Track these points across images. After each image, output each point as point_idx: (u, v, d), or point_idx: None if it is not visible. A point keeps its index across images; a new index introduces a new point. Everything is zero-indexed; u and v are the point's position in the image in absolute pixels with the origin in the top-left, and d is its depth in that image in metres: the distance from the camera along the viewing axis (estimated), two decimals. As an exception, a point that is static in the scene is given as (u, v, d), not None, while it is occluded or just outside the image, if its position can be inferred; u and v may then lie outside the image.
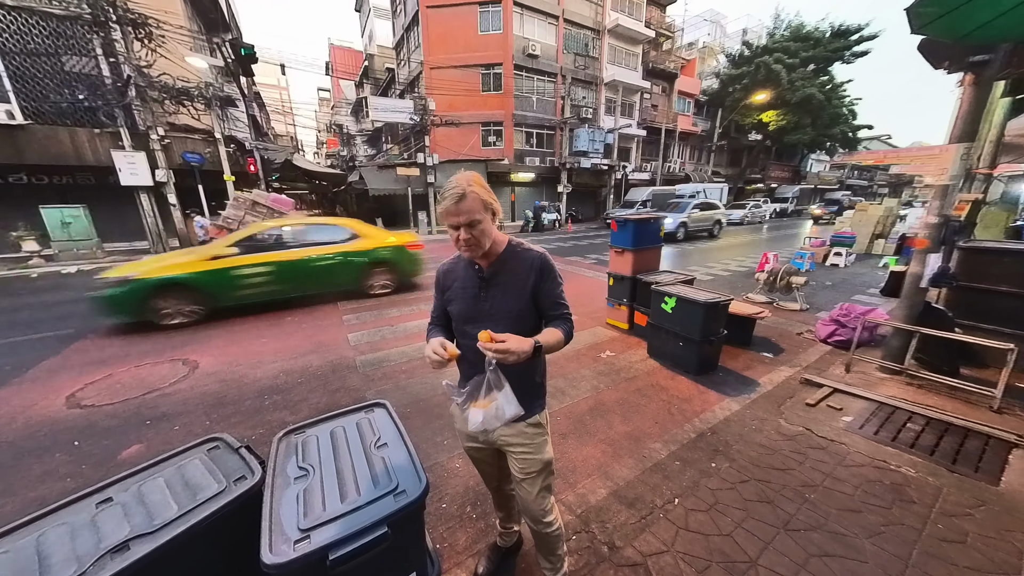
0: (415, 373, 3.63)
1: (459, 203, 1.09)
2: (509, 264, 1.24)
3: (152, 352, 4.25)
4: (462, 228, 1.11)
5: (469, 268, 1.27)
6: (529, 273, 1.24)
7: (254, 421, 2.88)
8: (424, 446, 2.54)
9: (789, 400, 3.06)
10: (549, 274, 1.25)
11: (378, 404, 1.56)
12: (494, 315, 1.22)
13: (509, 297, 1.23)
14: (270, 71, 23.25)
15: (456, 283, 1.29)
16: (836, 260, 8.80)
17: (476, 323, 1.23)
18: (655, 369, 3.67)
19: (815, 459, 2.37)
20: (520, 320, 1.24)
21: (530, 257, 1.25)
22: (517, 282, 1.23)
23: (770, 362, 3.79)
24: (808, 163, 34.45)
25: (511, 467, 1.35)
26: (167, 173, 11.10)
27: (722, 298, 3.47)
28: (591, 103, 21.17)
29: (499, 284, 1.23)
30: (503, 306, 1.23)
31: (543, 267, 1.25)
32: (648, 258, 4.68)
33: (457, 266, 1.32)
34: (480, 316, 1.23)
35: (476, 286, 1.25)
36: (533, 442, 1.32)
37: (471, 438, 1.38)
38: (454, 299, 1.29)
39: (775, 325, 4.83)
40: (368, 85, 25.82)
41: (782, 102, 22.54)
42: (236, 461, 1.30)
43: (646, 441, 2.58)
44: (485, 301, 1.24)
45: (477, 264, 1.25)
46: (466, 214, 1.10)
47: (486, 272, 1.24)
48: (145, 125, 10.62)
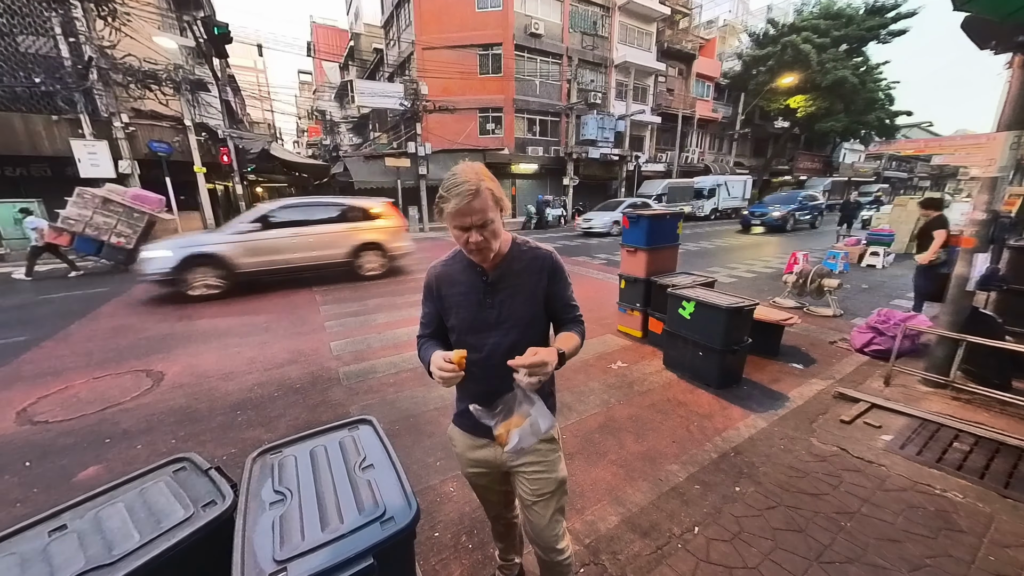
0: (404, 386, 3.62)
1: (473, 201, 1.04)
2: (516, 265, 1.21)
3: (113, 361, 4.25)
4: (474, 230, 1.07)
5: (470, 271, 1.22)
6: (540, 275, 1.22)
7: (225, 439, 2.88)
8: (414, 467, 2.53)
9: (822, 417, 3.04)
10: (560, 275, 1.25)
11: (363, 421, 1.56)
12: (502, 324, 1.20)
13: (519, 303, 1.20)
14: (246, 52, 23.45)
15: (455, 289, 1.24)
16: (873, 260, 8.80)
17: (481, 334, 1.21)
18: (672, 382, 3.66)
19: (851, 483, 2.36)
20: (531, 327, 1.23)
21: (539, 257, 1.23)
22: (526, 285, 1.21)
23: (800, 374, 3.78)
24: (841, 153, 34.54)
25: (520, 490, 1.33)
26: (131, 164, 11.16)
27: (746, 303, 3.46)
28: (600, 87, 21.28)
29: (506, 288, 1.20)
30: (512, 313, 1.20)
31: (554, 267, 1.23)
32: (664, 258, 4.67)
33: (454, 269, 1.26)
34: (486, 326, 1.21)
35: (480, 292, 1.21)
36: (547, 459, 1.30)
37: (475, 463, 1.37)
38: (454, 308, 1.24)
39: (805, 333, 4.82)
40: (354, 67, 26.01)
41: (811, 86, 22.63)
42: (205, 484, 1.29)
43: (662, 462, 2.57)
44: (491, 309, 1.20)
45: (479, 266, 1.21)
46: (479, 213, 1.05)
47: (491, 275, 1.20)
48: (108, 111, 10.70)
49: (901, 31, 22.06)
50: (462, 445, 1.37)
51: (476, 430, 1.31)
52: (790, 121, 26.20)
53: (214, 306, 6.26)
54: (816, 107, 23.52)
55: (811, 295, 5.67)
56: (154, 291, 7.13)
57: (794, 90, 23.10)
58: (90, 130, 10.56)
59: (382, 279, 7.80)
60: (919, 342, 4.16)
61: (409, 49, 18.80)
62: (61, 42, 9.93)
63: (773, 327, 4.09)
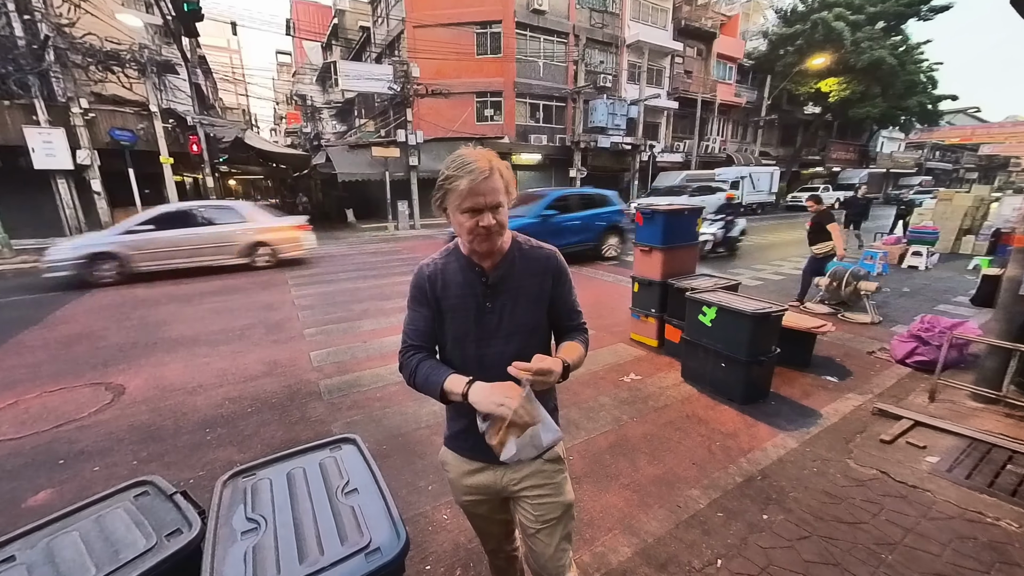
0: (392, 401, 3.62)
1: (488, 179, 1.06)
2: (518, 266, 1.21)
3: (68, 373, 4.25)
4: (487, 212, 1.08)
5: (468, 272, 1.21)
6: (544, 276, 1.22)
7: (193, 460, 2.87)
8: (403, 492, 2.52)
9: (859, 436, 3.03)
10: (565, 277, 1.26)
11: (347, 440, 1.55)
12: (504, 331, 1.20)
13: (522, 307, 1.21)
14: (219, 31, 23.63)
15: (452, 292, 1.22)
16: (915, 261, 8.80)
17: (480, 343, 1.20)
18: (691, 396, 3.65)
19: (893, 510, 2.34)
20: (535, 335, 1.24)
21: (542, 256, 1.24)
22: (530, 288, 1.21)
23: (835, 388, 3.77)
24: (878, 142, 34.64)
25: (522, 517, 1.33)
26: (91, 154, 11.21)
27: (774, 308, 3.45)
28: (610, 69, 21.40)
29: (508, 291, 1.20)
30: (515, 319, 1.20)
31: (559, 269, 1.25)
32: (682, 258, 4.67)
33: (448, 269, 1.24)
34: (486, 333, 1.20)
35: (480, 294, 1.20)
36: (552, 481, 1.29)
37: (471, 490, 1.35)
38: (450, 312, 1.23)
39: (840, 342, 4.81)
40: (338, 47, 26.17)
41: (845, 67, 22.73)
42: (170, 511, 1.29)
43: (681, 487, 2.56)
44: (492, 313, 1.20)
45: (478, 266, 1.20)
46: (493, 194, 1.08)
47: (491, 276, 1.20)
48: (65, 96, 10.76)
49: (944, 7, 22.17)
50: (457, 470, 1.36)
51: (474, 452, 1.29)
52: (821, 107, 26.27)
53: (181, 311, 6.27)
54: (850, 91, 23.60)
55: (846, 299, 5.67)
56: (116, 295, 7.14)
57: (826, 72, 23.17)
58: (45, 116, 10.61)
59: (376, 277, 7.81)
60: (967, 352, 4.14)
61: (399, 27, 18.92)
62: (14, 19, 10.00)
63: (804, 335, 4.08)
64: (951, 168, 42.57)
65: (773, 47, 25.13)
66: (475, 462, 1.32)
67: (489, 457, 1.19)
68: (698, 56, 25.41)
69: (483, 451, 1.19)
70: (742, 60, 26.85)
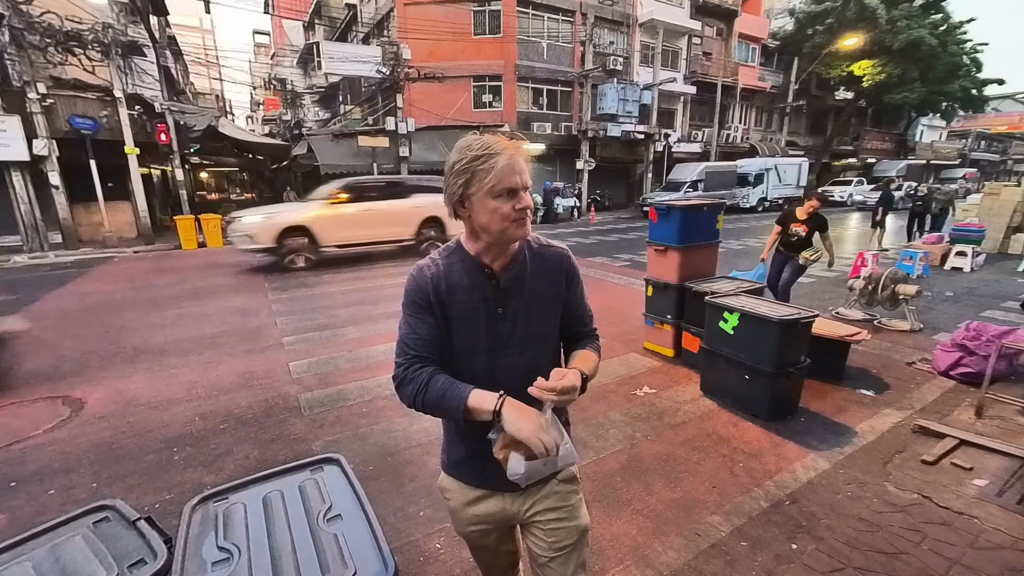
0: (380, 417, 3.62)
1: (522, 155, 1.09)
2: (531, 265, 1.21)
3: (21, 386, 4.25)
4: (522, 192, 1.09)
5: (476, 273, 1.18)
6: (558, 277, 1.23)
7: (159, 483, 2.86)
8: (391, 518, 2.52)
9: (898, 456, 3.02)
10: (577, 278, 1.28)
11: (329, 460, 1.55)
12: (518, 339, 1.20)
13: (537, 312, 1.21)
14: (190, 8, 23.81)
15: (459, 296, 1.18)
16: (959, 262, 8.79)
17: (492, 354, 1.18)
18: (711, 412, 3.64)
19: (937, 538, 2.33)
20: (549, 343, 1.25)
21: (555, 255, 1.25)
22: (545, 290, 1.22)
23: (871, 403, 3.76)
24: (917, 130, 34.70)
25: (533, 545, 1.32)
26: (49, 144, 11.26)
27: (803, 314, 3.45)
28: (621, 50, 21.50)
29: (521, 294, 1.20)
30: (530, 325, 1.20)
31: (572, 269, 1.26)
32: (701, 259, 4.67)
33: (452, 270, 1.19)
34: (498, 343, 1.19)
35: (490, 299, 1.18)
36: (567, 504, 1.29)
37: (477, 519, 1.34)
38: (456, 320, 1.19)
39: (877, 351, 4.81)
40: (321, 27, 26.33)
41: (880, 48, 22.82)
42: (132, 539, 1.28)
43: (700, 512, 2.55)
44: (505, 320, 1.19)
45: (487, 267, 1.18)
46: (527, 173, 1.10)
47: (502, 278, 1.18)
48: (21, 80, 10.82)
49: (989, -18, 22.24)
50: (460, 498, 1.33)
51: (480, 479, 1.27)
52: (854, 92, 26.36)
53: (147, 317, 6.28)
54: (886, 74, 23.67)
55: (883, 305, 5.66)
56: (75, 298, 7.16)
57: (859, 54, 23.27)
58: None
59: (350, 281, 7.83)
60: (1018, 363, 4.13)
61: (388, 4, 19.06)
62: (-34, -3, 10.08)
63: (836, 344, 4.07)
64: (998, 159, 42.63)
65: (801, 26, 25.22)
66: (481, 489, 1.30)
67: (498, 483, 1.18)
68: (718, 36, 25.51)
69: (491, 477, 1.18)
70: (766, 41, 26.95)
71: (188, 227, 12.74)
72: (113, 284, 8.49)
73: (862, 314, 5.88)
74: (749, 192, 21.23)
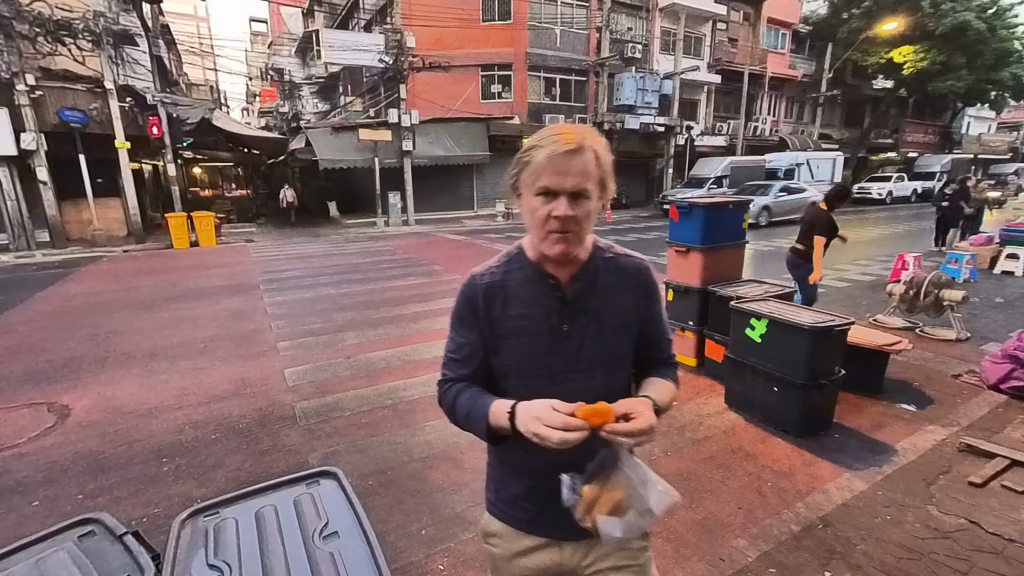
0: (380, 428, 3.63)
1: (573, 157, 0.96)
2: (602, 278, 1.11)
3: (5, 391, 4.33)
4: (564, 198, 0.96)
5: (538, 283, 1.10)
6: (635, 292, 1.14)
7: (147, 495, 2.89)
8: (391, 536, 2.52)
9: (943, 477, 2.97)
10: (657, 295, 1.19)
11: (326, 474, 1.56)
12: (586, 362, 1.10)
13: (609, 332, 1.11)
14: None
15: (515, 309, 1.11)
16: (1010, 266, 8.63)
17: (554, 377, 1.09)
18: (736, 426, 3.61)
19: (986, 568, 2.28)
20: (621, 369, 1.16)
21: (632, 267, 1.16)
22: (619, 307, 1.12)
23: (912, 418, 3.70)
24: (963, 122, 34.15)
25: None
26: (37, 138, 11.51)
27: (838, 321, 3.41)
28: (640, 37, 21.48)
29: (592, 310, 1.10)
30: (600, 347, 1.10)
31: (651, 284, 1.17)
32: (725, 261, 4.65)
33: (511, 280, 1.12)
34: (563, 364, 1.10)
35: (555, 313, 1.09)
36: (636, 562, 1.19)
37: (528, 572, 1.23)
38: (512, 336, 1.11)
39: (919, 362, 4.74)
40: (320, 14, 26.64)
41: (923, 33, 22.54)
42: (119, 554, 1.29)
43: (725, 535, 2.52)
44: (570, 339, 1.09)
45: (552, 277, 1.09)
46: (578, 177, 0.96)
47: (568, 290, 1.09)
48: (10, 71, 11.08)
49: (1043, -39, 21.90)
50: (509, 547, 1.23)
51: (535, 524, 1.18)
52: (894, 80, 26.02)
53: (136, 319, 6.38)
54: (929, 61, 23.35)
55: (926, 311, 5.57)
56: (62, 300, 7.29)
57: (899, 39, 23.00)
58: (-14, 95, 10.95)
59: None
60: (1076, 376, 4.03)
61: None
62: (-46, -15, 10.36)
63: (874, 354, 4.01)
64: (1054, 153, 41.76)
65: (835, 10, 25.01)
66: (536, 537, 1.18)
67: (557, 530, 1.11)
68: (745, 21, 25.38)
69: (549, 523, 1.11)
70: (797, 26, 26.75)
71: (180, 225, 12.94)
72: (102, 285, 8.65)
73: (903, 321, 5.80)
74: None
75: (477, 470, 3.08)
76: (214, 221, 13.69)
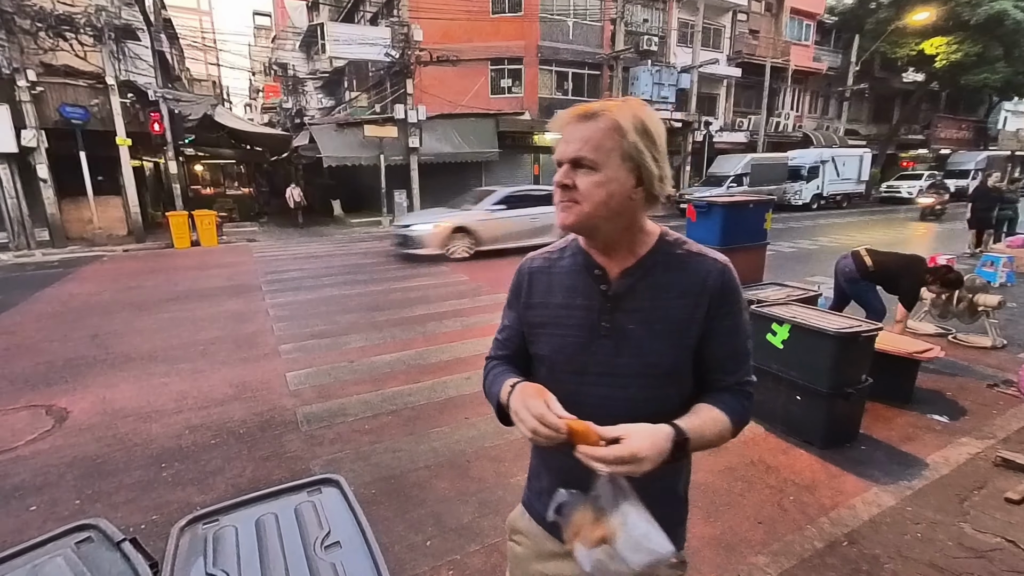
0: (384, 434, 3.64)
1: (582, 124, 0.95)
2: (661, 275, 1.02)
3: (3, 393, 4.41)
4: (565, 165, 0.96)
5: (583, 273, 1.06)
6: (698, 297, 1.00)
7: (145, 501, 2.93)
8: (395, 548, 2.52)
9: (977, 492, 2.92)
10: (731, 304, 1.03)
11: (328, 481, 1.56)
12: (623, 367, 1.02)
13: (656, 337, 1.00)
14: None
15: (556, 298, 1.08)
16: (1050, 269, 8.46)
17: (585, 376, 1.04)
18: (757, 436, 3.58)
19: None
20: (668, 383, 1.03)
21: (700, 268, 1.02)
22: (674, 311, 1.00)
23: (944, 430, 3.65)
24: (1000, 117, 33.55)
25: None
26: (37, 135, 11.73)
27: (864, 327, 3.38)
28: (657, 29, 21.41)
29: (638, 311, 1.01)
30: (642, 353, 1.01)
31: (723, 290, 1.01)
32: (746, 263, 4.61)
33: (560, 265, 1.11)
34: (596, 364, 1.03)
35: (595, 308, 1.03)
36: None
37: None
38: (548, 326, 1.09)
39: (952, 371, 4.68)
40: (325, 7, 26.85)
41: (956, 24, 22.23)
42: (116, 561, 1.31)
43: (743, 552, 2.50)
44: (607, 338, 1.02)
45: (599, 267, 1.04)
46: (581, 144, 0.93)
47: (614, 285, 1.02)
48: (10, 67, 11.30)
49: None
50: (532, 546, 1.21)
51: (555, 525, 1.12)
52: (925, 73, 25.67)
53: (136, 320, 6.47)
54: (963, 53, 22.99)
55: (959, 317, 5.49)
56: (62, 300, 7.41)
57: (931, 30, 22.69)
58: (-13, 92, 11.18)
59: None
60: (1122, 387, 3.95)
61: (399, -18, 19.35)
62: (-45, -20, 10.61)
63: (904, 362, 3.97)
64: (1097, 150, 40.93)
65: (862, 0, 24.72)
66: (559, 542, 1.09)
67: None
68: (767, 12, 25.20)
69: None
70: (822, 16, 26.50)
71: (181, 224, 13.11)
72: (101, 285, 8.78)
73: (934, 327, 5.72)
74: (802, 187, 20.83)
75: (484, 479, 3.09)
76: (216, 220, 13.85)
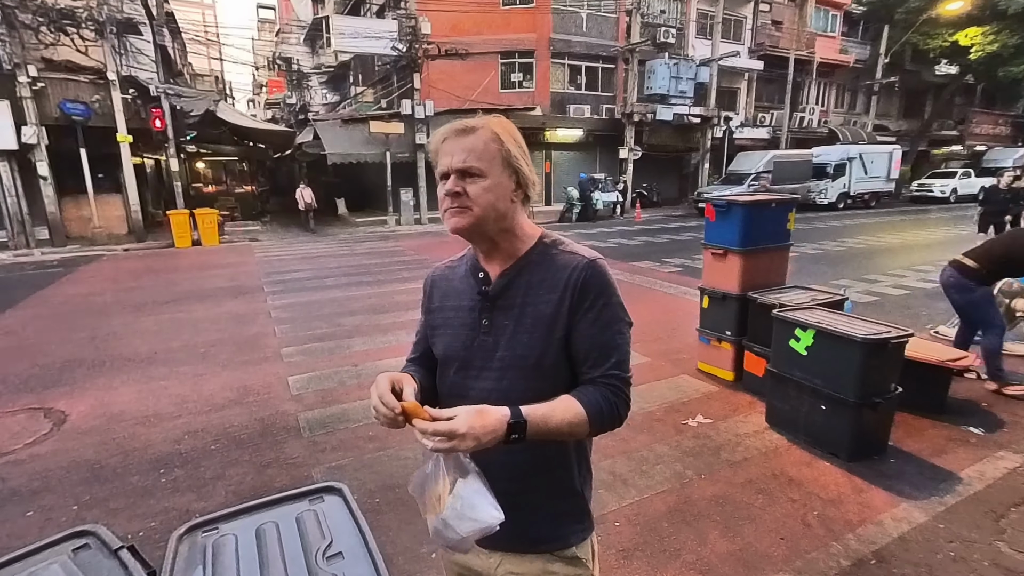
0: (388, 441, 3.65)
1: (464, 137, 1.06)
2: (534, 274, 1.12)
3: (0, 395, 4.49)
4: (453, 176, 1.05)
5: (470, 277, 1.20)
6: (562, 293, 1.08)
7: (144, 508, 2.97)
8: (399, 559, 2.53)
9: (1015, 509, 2.88)
10: (593, 298, 1.08)
11: (331, 490, 1.57)
12: (498, 361, 1.13)
13: (523, 333, 1.10)
14: (190, -19, 24.97)
15: (449, 301, 1.23)
16: (1093, 272, 8.29)
17: (467, 371, 1.16)
18: (779, 448, 3.56)
19: (1064, 615, 2.20)
20: (539, 375, 1.10)
21: (565, 264, 1.11)
22: (540, 305, 1.10)
23: (979, 443, 3.60)
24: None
25: None
26: (38, 132, 11.95)
27: (894, 333, 3.33)
28: (674, 20, 21.36)
29: (512, 307, 1.12)
30: (512, 348, 1.11)
31: (585, 284, 1.07)
32: (767, 265, 4.59)
33: (456, 272, 1.26)
34: (477, 360, 1.15)
35: (476, 307, 1.16)
36: None
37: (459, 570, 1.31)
38: (439, 328, 1.23)
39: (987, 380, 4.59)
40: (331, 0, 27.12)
41: (992, 13, 21.96)
42: (113, 569, 1.32)
43: (764, 569, 2.48)
44: (487, 335, 1.14)
45: (483, 270, 1.16)
46: (466, 154, 1.04)
47: (493, 285, 1.14)
48: (11, 62, 11.53)
49: None
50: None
51: None
52: (959, 65, 25.37)
53: (136, 322, 6.56)
54: (999, 44, 22.71)
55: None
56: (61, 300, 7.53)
57: (965, 20, 22.44)
58: (-12, 87, 11.41)
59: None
60: None
61: (406, -27, 19.48)
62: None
63: (936, 371, 3.93)
64: None
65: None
66: None
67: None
68: (790, 2, 25.04)
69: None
70: (849, 6, 26.27)
71: (182, 223, 13.30)
72: (101, 285, 8.92)
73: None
74: (827, 186, 20.62)
75: (492, 489, 3.08)
76: (217, 219, 14.04)
